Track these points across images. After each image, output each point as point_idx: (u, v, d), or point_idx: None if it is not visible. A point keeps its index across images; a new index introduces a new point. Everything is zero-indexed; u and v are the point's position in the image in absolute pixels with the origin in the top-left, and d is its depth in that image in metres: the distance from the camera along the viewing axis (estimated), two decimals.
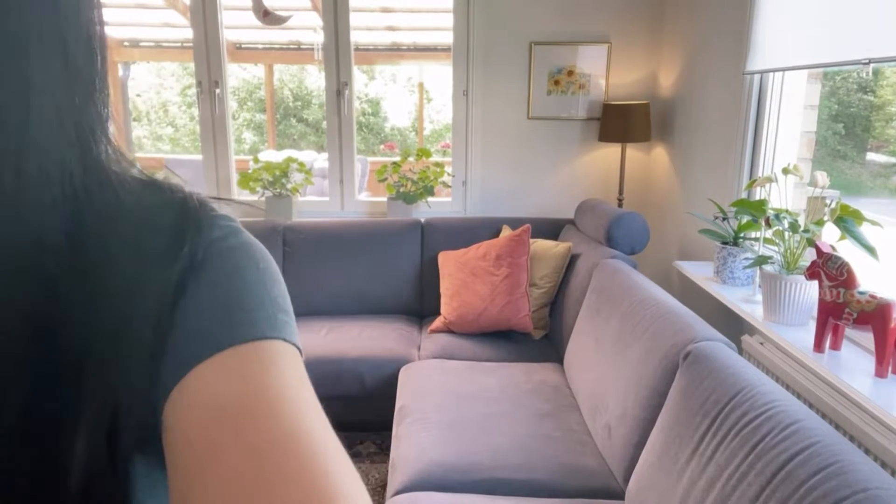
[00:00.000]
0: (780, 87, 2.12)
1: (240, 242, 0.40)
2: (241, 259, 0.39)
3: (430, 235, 2.90)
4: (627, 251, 2.42)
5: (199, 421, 0.32)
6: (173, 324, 0.36)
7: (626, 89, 3.06)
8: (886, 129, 3.03)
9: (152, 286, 0.36)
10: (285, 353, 0.36)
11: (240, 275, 0.38)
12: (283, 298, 0.40)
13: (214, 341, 0.35)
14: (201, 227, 0.39)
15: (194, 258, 0.37)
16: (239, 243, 0.40)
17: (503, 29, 3.01)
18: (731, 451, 1.16)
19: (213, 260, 0.38)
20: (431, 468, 1.67)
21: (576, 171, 3.16)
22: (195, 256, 0.38)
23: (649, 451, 1.47)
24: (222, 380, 0.34)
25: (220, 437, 0.31)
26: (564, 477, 1.65)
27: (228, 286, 0.37)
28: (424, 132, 9.42)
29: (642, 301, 1.83)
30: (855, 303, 1.42)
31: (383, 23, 5.57)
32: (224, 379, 0.34)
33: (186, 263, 0.37)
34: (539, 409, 1.96)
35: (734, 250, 2.02)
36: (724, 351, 1.43)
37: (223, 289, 0.37)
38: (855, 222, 1.52)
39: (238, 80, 10.10)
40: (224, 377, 0.34)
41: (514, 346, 2.50)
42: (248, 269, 0.39)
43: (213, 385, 0.33)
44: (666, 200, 2.97)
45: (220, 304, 0.37)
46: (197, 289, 0.37)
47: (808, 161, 2.13)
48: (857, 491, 0.91)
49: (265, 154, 5.10)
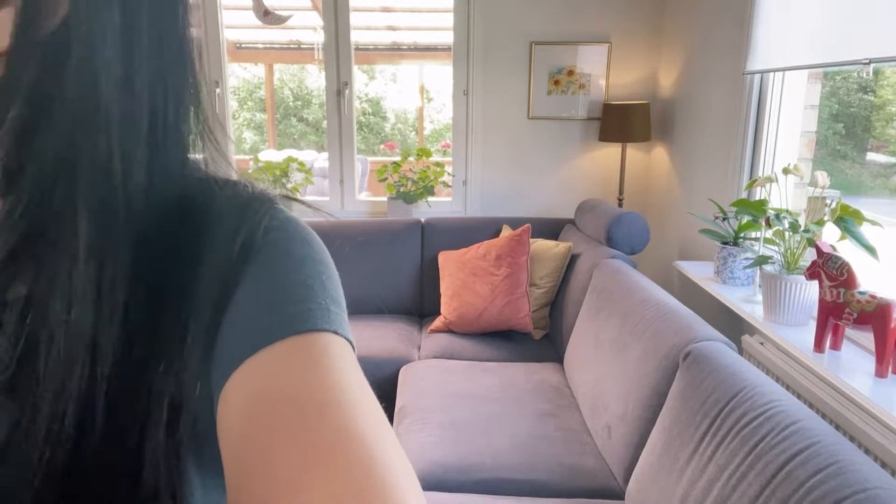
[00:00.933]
0: (780, 87, 2.12)
1: (294, 232, 0.40)
2: (296, 249, 0.39)
3: (430, 235, 2.90)
4: (627, 251, 2.42)
5: (251, 416, 0.32)
6: (227, 317, 0.36)
7: (627, 89, 3.06)
8: (887, 129, 3.03)
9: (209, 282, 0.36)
10: (337, 345, 0.36)
11: (294, 266, 0.38)
12: (336, 291, 0.39)
13: (266, 334, 0.34)
14: (259, 219, 0.39)
15: (249, 250, 0.37)
16: (293, 233, 0.40)
17: (503, 29, 3.01)
18: (731, 451, 1.16)
19: (268, 250, 0.38)
20: (432, 468, 1.67)
21: (576, 171, 3.16)
22: (250, 248, 0.37)
23: (649, 451, 1.47)
24: (273, 373, 0.33)
25: (272, 435, 0.30)
26: (564, 477, 1.65)
27: (282, 278, 0.37)
28: (424, 132, 9.42)
29: (642, 301, 1.83)
30: (855, 303, 1.42)
31: (383, 22, 5.57)
32: (275, 373, 0.33)
33: (241, 255, 0.37)
34: (539, 409, 1.96)
35: (734, 250, 2.02)
36: (724, 351, 1.43)
37: (276, 280, 0.37)
38: (855, 222, 1.52)
39: (238, 80, 10.11)
40: (275, 371, 0.33)
41: (515, 346, 2.50)
42: (303, 260, 0.38)
43: (264, 379, 0.33)
44: (666, 200, 2.97)
45: (273, 295, 0.36)
46: (251, 280, 0.37)
47: (809, 161, 2.13)
48: (858, 491, 0.91)
49: (265, 154, 5.11)
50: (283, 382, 0.32)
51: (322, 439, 0.30)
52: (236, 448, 0.31)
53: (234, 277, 0.36)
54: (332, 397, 0.32)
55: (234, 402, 0.33)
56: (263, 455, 0.30)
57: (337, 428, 0.30)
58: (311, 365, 0.33)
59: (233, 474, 0.31)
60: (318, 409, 0.31)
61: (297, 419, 0.31)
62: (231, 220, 0.38)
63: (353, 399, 0.33)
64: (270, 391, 0.32)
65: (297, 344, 0.34)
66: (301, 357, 0.34)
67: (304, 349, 0.34)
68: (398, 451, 0.31)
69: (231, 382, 0.34)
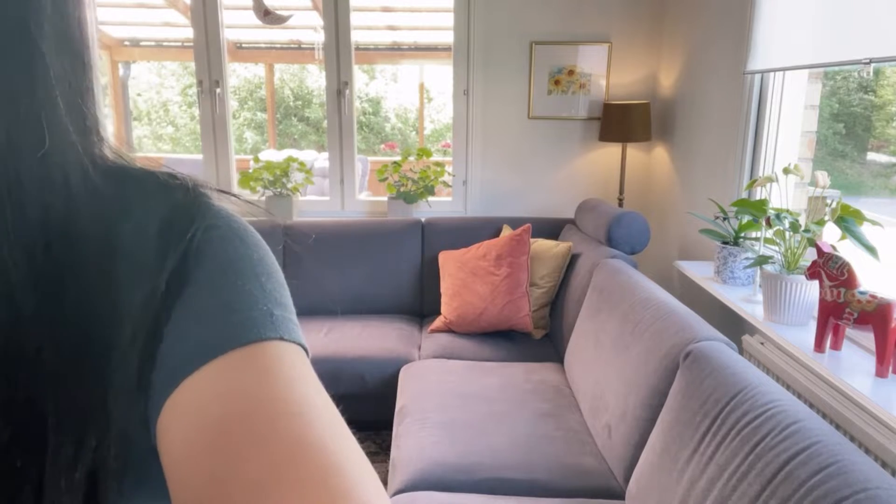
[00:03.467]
0: (780, 87, 2.11)
1: (229, 231, 0.36)
2: (231, 251, 0.35)
3: (430, 235, 2.90)
4: (628, 251, 2.42)
5: (197, 439, 0.29)
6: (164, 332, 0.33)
7: (627, 89, 3.06)
8: (887, 129, 3.03)
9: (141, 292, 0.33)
10: (286, 352, 0.33)
11: (230, 270, 0.35)
12: (279, 292, 0.36)
13: (206, 348, 0.32)
14: (193, 220, 0.36)
15: (185, 257, 0.34)
16: (228, 232, 0.36)
17: (504, 28, 3.01)
18: (731, 451, 1.16)
19: (204, 255, 0.35)
20: (432, 468, 1.67)
21: (576, 171, 3.16)
22: (186, 255, 0.34)
23: (649, 450, 1.47)
24: (217, 391, 0.30)
25: (222, 457, 0.28)
26: (564, 477, 1.65)
27: (218, 285, 0.34)
28: (425, 132, 9.42)
29: (643, 301, 1.83)
30: (855, 303, 1.41)
31: (384, 22, 5.57)
32: (217, 391, 0.30)
33: (177, 263, 0.34)
34: (539, 409, 1.96)
35: (735, 250, 2.02)
36: (724, 351, 1.43)
37: (213, 288, 0.34)
38: (855, 222, 1.52)
39: (239, 80, 10.11)
40: (217, 389, 0.30)
41: (515, 345, 2.50)
42: (240, 262, 0.35)
43: (205, 399, 0.30)
44: (666, 200, 2.97)
45: (210, 305, 0.33)
46: (188, 290, 0.34)
47: (809, 161, 2.13)
48: (858, 491, 0.91)
49: (266, 153, 5.11)
50: (228, 399, 0.30)
51: (277, 455, 0.28)
52: (183, 474, 0.29)
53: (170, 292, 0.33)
54: (283, 409, 0.30)
55: (177, 425, 0.30)
56: (215, 479, 0.27)
57: (292, 440, 0.28)
58: (256, 377, 0.31)
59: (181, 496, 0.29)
60: (269, 423, 0.29)
61: (248, 436, 0.28)
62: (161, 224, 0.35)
63: (305, 408, 0.30)
64: (215, 410, 0.30)
65: (241, 356, 0.32)
66: (245, 370, 0.31)
67: (248, 361, 0.31)
68: (359, 456, 0.30)
69: (171, 403, 0.31)
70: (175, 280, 0.34)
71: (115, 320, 0.32)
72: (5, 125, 0.30)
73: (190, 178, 0.38)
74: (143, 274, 0.33)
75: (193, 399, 0.30)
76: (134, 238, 0.34)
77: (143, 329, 0.32)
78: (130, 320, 0.32)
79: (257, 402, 0.30)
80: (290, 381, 0.31)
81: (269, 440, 0.28)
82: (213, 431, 0.29)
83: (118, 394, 0.32)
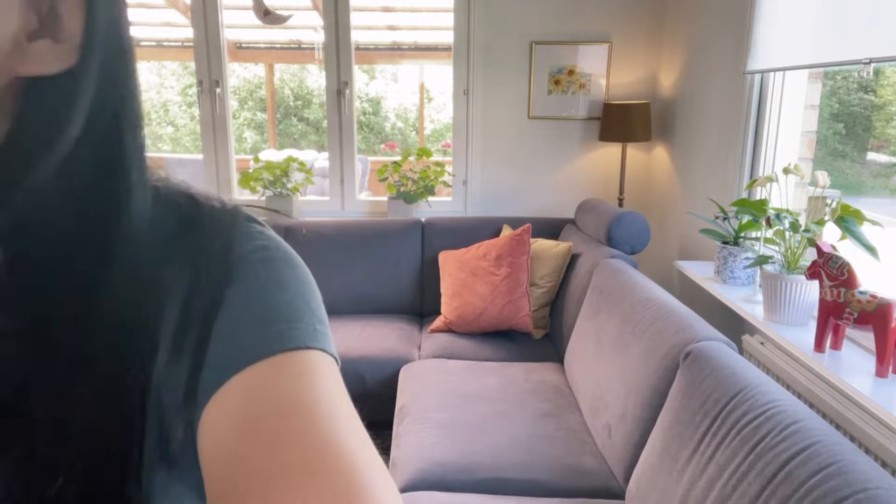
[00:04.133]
0: (780, 87, 2.11)
1: (278, 253, 0.41)
2: (281, 271, 0.40)
3: (430, 235, 2.90)
4: (628, 251, 2.42)
5: (234, 436, 0.32)
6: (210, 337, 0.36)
7: (627, 89, 3.06)
8: (887, 129, 3.03)
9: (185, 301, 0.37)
10: (324, 363, 0.37)
11: (280, 286, 0.39)
12: (320, 310, 0.40)
13: (252, 352, 0.35)
14: (236, 239, 0.40)
15: (230, 271, 0.38)
16: (277, 254, 0.41)
17: (504, 28, 3.01)
18: (731, 451, 1.16)
19: (251, 271, 0.39)
20: (432, 468, 1.67)
21: (576, 171, 3.16)
22: (236, 268, 0.38)
23: (649, 450, 1.47)
24: (263, 387, 0.34)
25: (261, 443, 0.31)
26: (564, 477, 1.65)
27: (269, 298, 0.38)
28: (425, 131, 9.42)
29: (643, 301, 1.83)
30: (855, 302, 1.41)
31: (384, 22, 5.57)
32: (264, 386, 0.34)
33: (222, 276, 0.38)
34: (539, 409, 1.96)
35: (735, 250, 2.02)
36: (724, 351, 1.43)
37: (264, 300, 0.38)
38: (855, 222, 1.52)
39: (239, 80, 10.11)
40: (264, 385, 0.34)
41: (515, 345, 2.50)
42: (289, 281, 0.39)
43: (248, 397, 0.34)
44: (666, 200, 2.97)
45: (260, 314, 0.37)
46: (237, 299, 0.37)
47: (809, 161, 2.13)
48: (858, 491, 0.91)
49: (266, 153, 5.11)
50: (272, 396, 0.33)
51: (310, 449, 0.31)
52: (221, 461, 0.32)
53: (219, 296, 0.37)
54: (317, 411, 0.33)
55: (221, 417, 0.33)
56: (251, 465, 0.31)
57: (322, 438, 0.32)
58: (299, 380, 0.34)
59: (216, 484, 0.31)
60: (304, 420, 0.32)
61: (286, 428, 0.32)
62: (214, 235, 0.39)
63: (335, 413, 0.34)
64: (259, 403, 0.33)
65: (286, 360, 0.35)
66: (290, 372, 0.35)
67: (293, 365, 0.35)
68: (379, 462, 0.33)
69: (216, 398, 0.34)
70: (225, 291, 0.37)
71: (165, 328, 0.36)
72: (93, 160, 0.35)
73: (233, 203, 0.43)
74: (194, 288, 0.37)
75: (239, 395, 0.34)
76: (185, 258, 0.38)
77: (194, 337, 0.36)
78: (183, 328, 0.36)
79: (295, 402, 0.33)
80: (325, 388, 0.35)
81: (303, 436, 0.31)
82: (254, 423, 0.32)
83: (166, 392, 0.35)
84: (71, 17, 0.32)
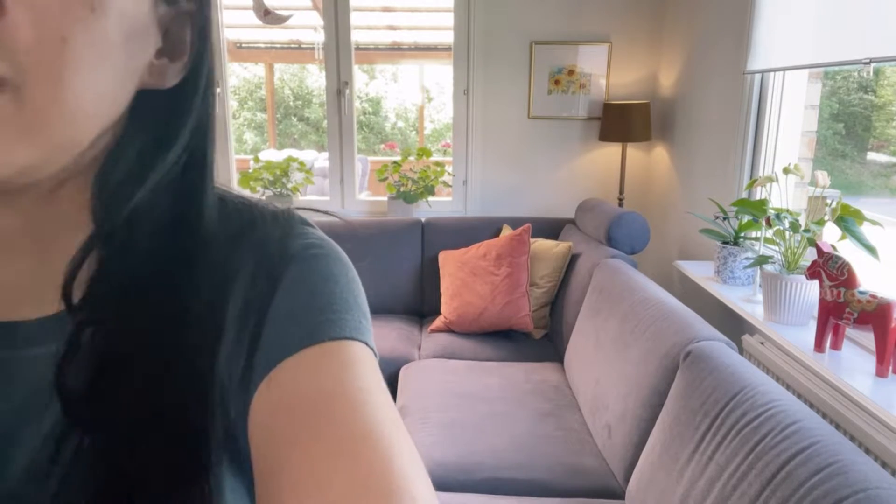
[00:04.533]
0: (780, 87, 2.11)
1: (329, 251, 0.44)
2: (332, 266, 0.43)
3: (430, 235, 2.90)
4: (628, 251, 2.42)
5: (283, 415, 0.34)
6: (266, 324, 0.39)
7: (627, 89, 3.06)
8: (887, 129, 3.03)
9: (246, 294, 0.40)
10: (367, 355, 0.39)
11: (332, 280, 0.42)
12: (366, 308, 0.43)
13: (303, 338, 0.38)
14: (291, 238, 0.43)
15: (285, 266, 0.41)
16: (327, 252, 0.44)
17: (504, 28, 3.01)
18: (731, 451, 1.16)
19: (304, 266, 0.42)
20: (432, 468, 1.67)
21: (576, 171, 3.16)
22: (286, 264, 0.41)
23: (649, 450, 1.47)
24: (307, 375, 0.36)
25: (302, 433, 0.33)
26: (565, 477, 1.65)
27: (321, 289, 0.41)
28: (425, 131, 9.42)
29: (643, 301, 1.83)
30: (855, 302, 1.41)
31: (384, 22, 5.57)
32: (309, 375, 0.36)
33: (278, 271, 0.41)
34: (539, 409, 1.96)
35: (735, 250, 2.02)
36: (724, 351, 1.43)
37: (317, 290, 0.41)
38: (855, 222, 1.52)
39: (238, 80, 10.10)
40: (309, 373, 0.36)
41: (515, 345, 2.50)
42: (339, 276, 0.43)
43: (298, 380, 0.36)
44: (666, 200, 2.97)
45: (311, 305, 0.40)
46: (288, 292, 0.40)
47: (809, 161, 2.13)
48: (858, 490, 0.91)
49: (266, 153, 5.11)
50: (320, 381, 0.36)
51: (353, 434, 0.33)
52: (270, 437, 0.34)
53: (274, 287, 0.40)
54: (363, 399, 0.35)
55: (272, 397, 0.36)
56: (297, 444, 0.33)
57: (365, 425, 0.33)
58: (345, 368, 0.37)
59: (263, 462, 0.34)
60: (350, 406, 0.34)
61: (332, 414, 0.34)
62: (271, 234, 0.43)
63: (377, 403, 0.36)
64: (308, 387, 0.35)
65: (334, 348, 0.38)
66: (337, 360, 0.37)
67: (340, 353, 0.38)
68: (416, 455, 0.34)
69: (270, 379, 0.36)
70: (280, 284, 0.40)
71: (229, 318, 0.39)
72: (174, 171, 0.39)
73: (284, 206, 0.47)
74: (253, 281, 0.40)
75: (289, 377, 0.36)
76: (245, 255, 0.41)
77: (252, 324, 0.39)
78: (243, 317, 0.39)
79: (342, 391, 0.35)
80: (370, 379, 0.37)
81: (348, 423, 0.33)
82: (302, 406, 0.34)
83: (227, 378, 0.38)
84: (182, 38, 0.37)
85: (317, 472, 0.31)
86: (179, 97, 0.38)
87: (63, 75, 0.30)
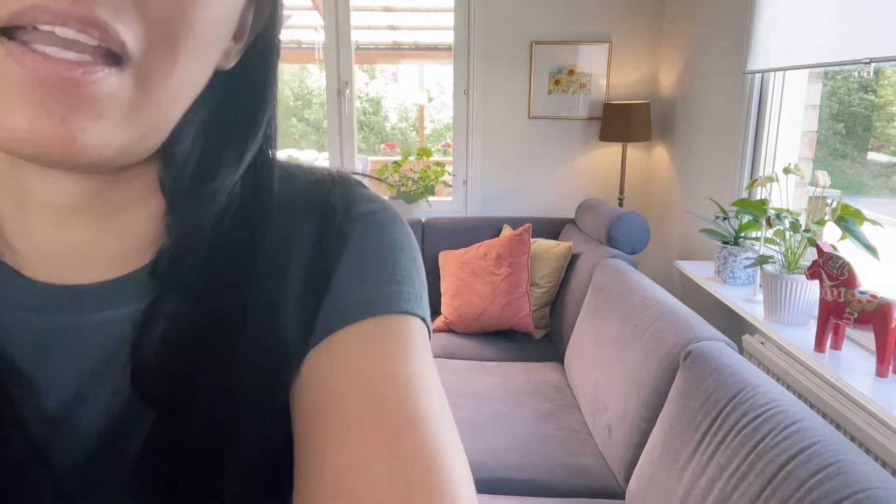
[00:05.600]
0: (780, 87, 2.11)
1: (391, 217, 0.43)
2: (394, 232, 0.42)
3: (430, 235, 2.90)
4: (628, 251, 2.42)
5: (334, 388, 0.34)
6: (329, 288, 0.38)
7: (627, 89, 3.06)
8: (887, 129, 3.03)
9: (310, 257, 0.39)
10: (422, 332, 0.38)
11: (397, 248, 0.41)
12: (424, 279, 0.42)
13: (364, 307, 0.37)
14: (353, 200, 0.42)
15: (350, 229, 0.40)
16: (390, 217, 0.42)
17: (504, 28, 3.01)
18: (731, 451, 1.16)
19: (369, 229, 0.41)
20: None
21: (576, 171, 3.16)
22: (350, 227, 0.40)
23: (650, 450, 1.47)
24: (362, 350, 0.35)
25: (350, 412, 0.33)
26: (565, 476, 1.65)
27: (383, 256, 0.40)
28: (425, 131, 9.42)
29: (643, 301, 1.83)
30: (856, 302, 1.41)
31: (384, 22, 5.57)
32: (364, 350, 0.35)
33: (342, 234, 0.40)
34: (539, 409, 1.96)
35: (735, 250, 2.02)
36: (724, 350, 1.43)
37: (378, 258, 0.40)
38: (856, 222, 1.52)
39: None
40: (364, 348, 0.35)
41: (515, 345, 2.50)
42: (401, 244, 0.41)
43: (353, 353, 0.35)
44: (666, 200, 2.97)
45: (373, 272, 0.39)
46: (353, 256, 0.39)
47: (809, 161, 2.13)
48: (858, 491, 0.91)
49: None
50: (374, 359, 0.35)
51: (398, 420, 0.32)
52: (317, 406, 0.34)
53: (339, 250, 0.39)
54: (415, 384, 0.34)
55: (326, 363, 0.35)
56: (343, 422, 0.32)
57: (412, 411, 0.33)
58: (400, 346, 0.36)
59: (306, 442, 0.33)
60: (401, 391, 0.34)
61: (381, 397, 0.33)
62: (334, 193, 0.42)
63: (427, 387, 0.35)
64: (362, 363, 0.35)
65: (392, 323, 0.37)
66: (393, 338, 0.36)
67: (397, 330, 0.37)
68: (459, 445, 0.34)
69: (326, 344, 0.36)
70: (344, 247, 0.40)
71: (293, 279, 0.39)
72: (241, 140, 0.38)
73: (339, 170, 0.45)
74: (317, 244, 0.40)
75: (345, 349, 0.36)
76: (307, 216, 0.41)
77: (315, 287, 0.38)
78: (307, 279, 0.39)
79: (393, 373, 0.34)
80: (422, 359, 0.37)
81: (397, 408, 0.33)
82: (354, 383, 0.34)
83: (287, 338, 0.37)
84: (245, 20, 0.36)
85: (360, 458, 0.31)
86: (241, 76, 0.38)
87: (178, 58, 0.29)
